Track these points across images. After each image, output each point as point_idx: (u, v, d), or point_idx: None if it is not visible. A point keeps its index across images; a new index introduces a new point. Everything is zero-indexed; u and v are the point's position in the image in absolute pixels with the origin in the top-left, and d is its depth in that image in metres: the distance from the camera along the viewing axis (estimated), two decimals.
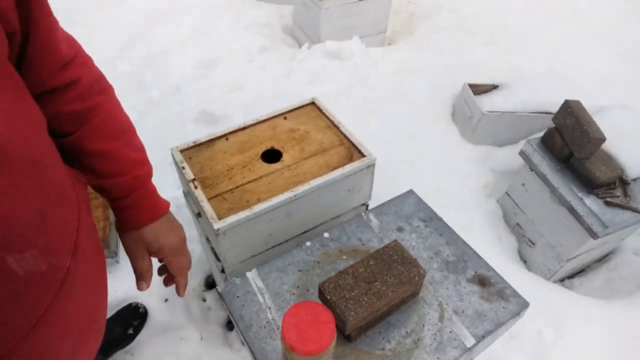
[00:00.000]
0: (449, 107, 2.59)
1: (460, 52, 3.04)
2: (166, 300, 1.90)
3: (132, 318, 1.80)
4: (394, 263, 1.08)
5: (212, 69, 2.80)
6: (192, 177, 1.44)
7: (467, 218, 2.06)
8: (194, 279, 1.97)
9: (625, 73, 3.06)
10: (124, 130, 0.88)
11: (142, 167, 0.88)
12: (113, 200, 0.87)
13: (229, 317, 1.90)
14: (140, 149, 0.90)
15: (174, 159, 1.50)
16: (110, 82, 0.89)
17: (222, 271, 1.49)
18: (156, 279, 1.92)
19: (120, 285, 1.87)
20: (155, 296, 1.89)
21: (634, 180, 1.82)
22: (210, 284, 2.01)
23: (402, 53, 3.10)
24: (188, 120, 2.43)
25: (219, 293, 1.18)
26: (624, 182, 1.79)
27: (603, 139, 1.73)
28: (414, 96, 2.67)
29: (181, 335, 1.81)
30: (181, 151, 1.53)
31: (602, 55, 3.21)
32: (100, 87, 0.84)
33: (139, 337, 1.79)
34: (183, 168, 1.46)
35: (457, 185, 2.20)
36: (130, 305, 1.83)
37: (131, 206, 0.87)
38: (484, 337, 1.09)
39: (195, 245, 2.03)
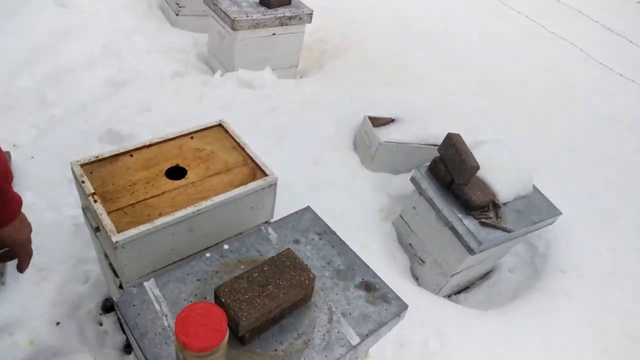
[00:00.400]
0: (352, 137, 2.79)
1: (364, 89, 3.30)
2: (58, 323, 1.80)
3: None
4: (287, 268, 1.17)
5: (122, 90, 2.78)
6: (92, 190, 1.43)
7: (366, 239, 2.22)
8: (91, 302, 1.89)
9: (500, 113, 3.51)
10: None
11: (5, 178, 0.97)
12: None
13: (126, 340, 1.85)
14: (3, 161, 0.98)
15: (73, 173, 1.49)
16: (8, 97, 0.94)
17: (120, 287, 1.47)
18: (47, 301, 1.83)
19: (7, 309, 1.75)
20: (45, 319, 1.78)
21: (504, 204, 2.09)
22: (108, 307, 1.94)
23: (311, 86, 3.29)
24: (93, 139, 2.37)
25: (114, 302, 1.19)
26: (496, 206, 2.05)
27: (477, 167, 1.98)
28: (321, 126, 2.84)
29: None
30: (81, 165, 1.51)
31: (485, 98, 3.66)
32: None
33: None
34: (83, 182, 1.45)
35: (357, 208, 2.36)
36: None
37: None
38: (367, 335, 1.20)
39: (93, 266, 1.97)
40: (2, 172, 0.96)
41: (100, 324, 1.89)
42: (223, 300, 1.07)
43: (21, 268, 1.13)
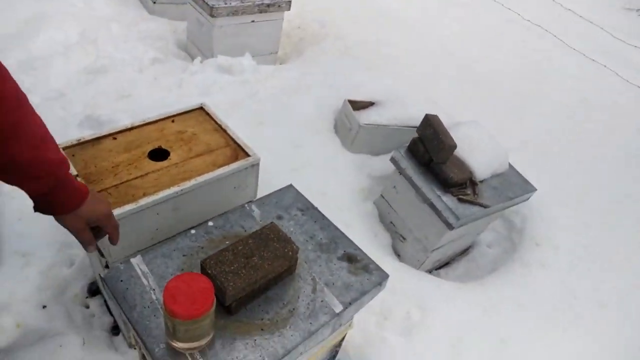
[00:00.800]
0: (332, 120, 2.83)
1: (343, 74, 3.33)
2: (44, 307, 1.81)
3: None
4: (271, 241, 1.20)
5: (100, 77, 2.75)
6: (75, 173, 1.44)
7: (349, 218, 2.26)
8: (76, 285, 1.90)
9: (476, 97, 3.58)
10: (45, 135, 0.96)
11: (61, 165, 0.98)
12: (37, 195, 0.98)
13: (114, 322, 1.87)
14: (57, 149, 0.99)
15: None
16: None
17: (107, 267, 1.49)
18: (32, 285, 1.83)
19: None
20: (31, 303, 1.78)
21: (481, 181, 2.15)
22: (93, 290, 1.95)
23: (291, 72, 3.30)
24: (72, 125, 2.35)
25: (101, 279, 1.20)
26: (473, 183, 2.11)
27: (455, 146, 2.04)
28: (301, 110, 2.86)
29: (61, 342, 1.72)
30: (63, 148, 1.52)
31: (462, 83, 3.73)
32: (20, 97, 0.90)
33: (10, 347, 1.68)
34: None
35: (339, 189, 2.40)
36: None
37: (57, 198, 1.00)
38: (350, 304, 1.24)
39: (78, 251, 1.97)
40: (58, 159, 0.97)
41: (87, 307, 1.90)
42: (209, 271, 1.10)
43: (112, 241, 1.18)
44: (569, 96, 4.18)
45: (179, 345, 1.02)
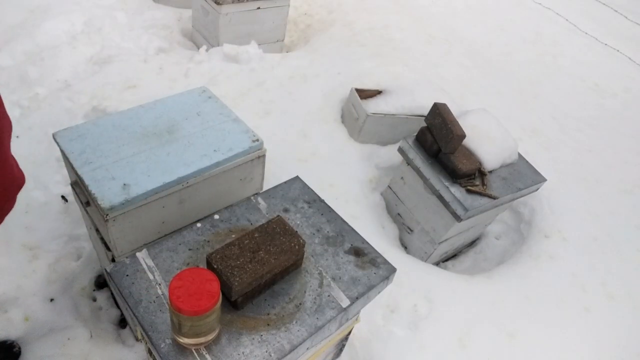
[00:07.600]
0: (339, 110, 2.80)
1: (351, 62, 3.28)
2: (52, 300, 1.82)
3: (4, 358, 1.68)
4: (277, 235, 1.19)
5: (106, 67, 2.74)
6: None
7: (356, 209, 2.25)
8: (83, 278, 1.92)
9: (486, 84, 3.52)
10: None
11: None
12: None
13: (121, 315, 1.88)
14: None
15: (60, 147, 1.48)
16: None
17: (113, 260, 1.49)
18: (40, 278, 1.85)
19: (0, 286, 1.77)
20: (39, 296, 1.80)
21: (490, 172, 2.12)
22: (101, 283, 1.96)
23: (298, 60, 3.26)
24: (78, 116, 2.35)
25: (107, 273, 1.20)
26: (482, 173, 2.08)
27: (464, 136, 2.00)
28: (308, 100, 2.83)
29: (69, 335, 1.74)
30: None
31: (470, 69, 3.66)
32: None
33: (19, 340, 1.70)
34: None
35: (346, 180, 2.38)
36: (4, 343, 1.69)
37: None
38: (357, 298, 1.23)
39: (84, 244, 1.98)
40: None
41: (94, 300, 1.91)
42: (215, 266, 1.10)
43: None
44: (580, 82, 4.10)
45: (184, 340, 1.02)
